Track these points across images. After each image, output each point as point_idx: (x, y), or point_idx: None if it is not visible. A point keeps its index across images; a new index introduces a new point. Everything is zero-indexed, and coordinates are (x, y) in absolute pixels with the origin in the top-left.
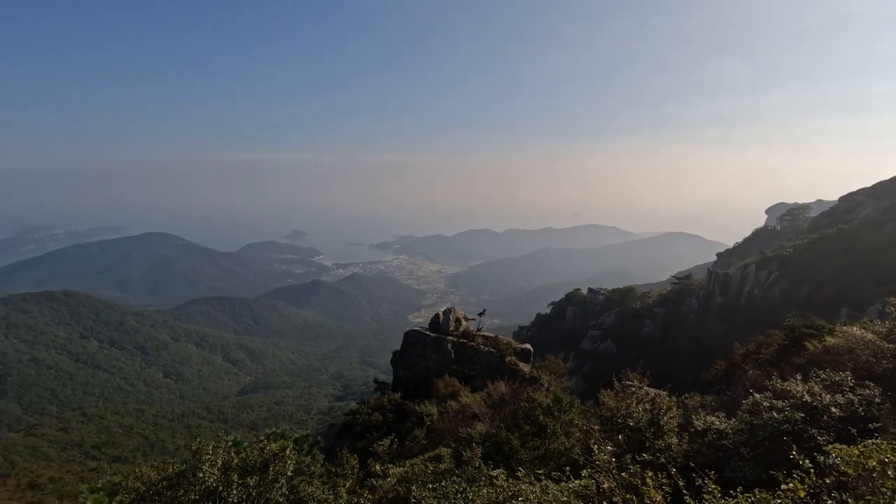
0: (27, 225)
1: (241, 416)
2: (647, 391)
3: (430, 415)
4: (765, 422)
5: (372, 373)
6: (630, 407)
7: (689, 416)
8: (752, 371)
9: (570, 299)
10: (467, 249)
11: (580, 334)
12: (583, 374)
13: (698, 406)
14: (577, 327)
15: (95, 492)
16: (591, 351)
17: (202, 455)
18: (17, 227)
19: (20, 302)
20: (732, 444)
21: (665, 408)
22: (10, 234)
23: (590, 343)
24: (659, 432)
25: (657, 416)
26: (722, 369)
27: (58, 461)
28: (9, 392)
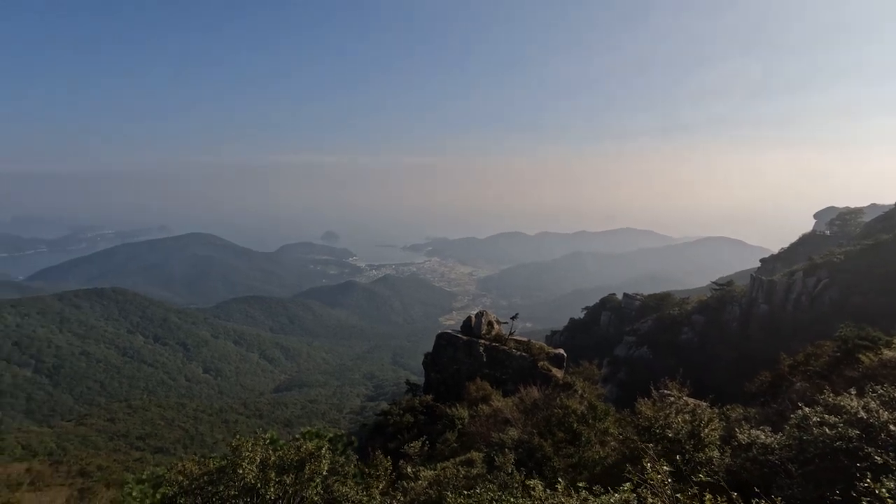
0: (79, 225)
1: (276, 412)
2: (686, 401)
3: (462, 418)
4: (815, 438)
5: (403, 374)
6: (669, 417)
7: (732, 429)
8: (800, 383)
9: (604, 304)
10: (499, 252)
11: (615, 340)
12: (617, 381)
13: (741, 418)
14: (611, 333)
15: (141, 483)
16: (626, 358)
17: (242, 452)
18: (71, 227)
19: (73, 298)
20: (779, 460)
21: (706, 419)
22: (64, 233)
23: (625, 350)
24: (699, 444)
25: (698, 427)
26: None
27: (105, 450)
28: (62, 383)
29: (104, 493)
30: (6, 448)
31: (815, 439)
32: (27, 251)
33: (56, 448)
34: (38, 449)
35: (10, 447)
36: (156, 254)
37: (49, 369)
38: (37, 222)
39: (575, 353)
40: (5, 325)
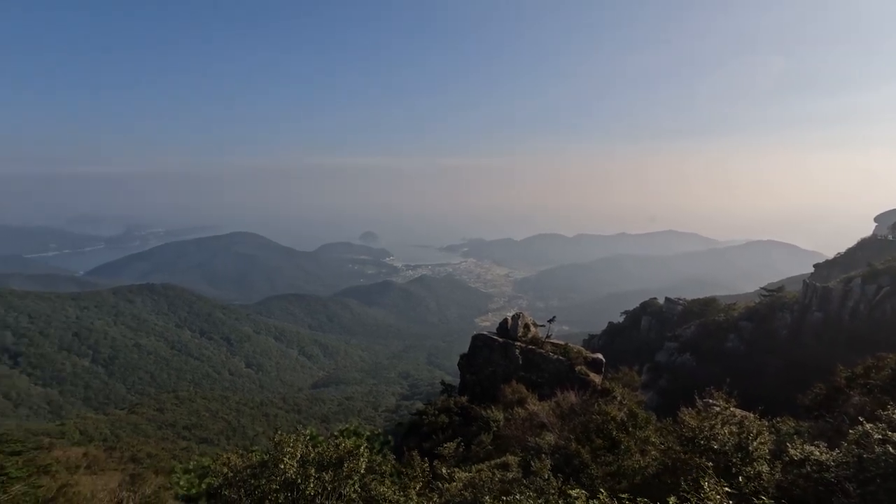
0: (134, 223)
1: (314, 408)
2: (733, 412)
3: (497, 420)
4: (877, 456)
5: (438, 374)
6: (714, 428)
7: (783, 443)
8: (858, 397)
9: (645, 308)
10: (536, 254)
11: (655, 346)
12: (658, 388)
13: (793, 432)
14: (652, 338)
15: (188, 472)
16: (668, 364)
17: (283, 447)
18: (126, 226)
19: (127, 293)
20: (836, 478)
21: (755, 431)
22: (120, 231)
23: (666, 356)
24: (747, 458)
25: (746, 439)
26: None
27: (154, 438)
28: (116, 373)
29: (153, 479)
30: (66, 433)
31: (877, 458)
32: (87, 248)
33: (110, 434)
34: (94, 435)
35: (70, 432)
36: (203, 251)
37: (105, 360)
38: (96, 221)
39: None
40: (66, 318)
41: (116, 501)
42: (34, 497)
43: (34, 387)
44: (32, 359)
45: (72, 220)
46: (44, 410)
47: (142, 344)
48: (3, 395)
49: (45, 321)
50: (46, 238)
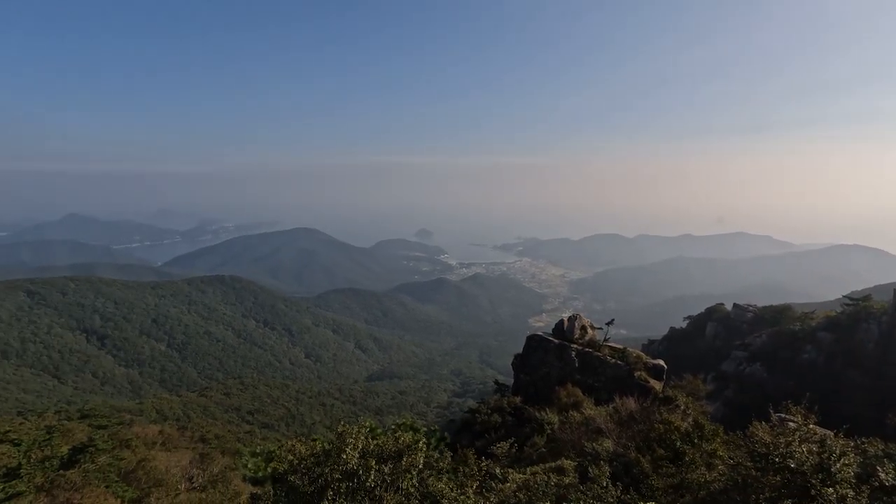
0: (206, 218)
1: (368, 400)
2: (813, 429)
3: (551, 423)
4: None
5: (490, 373)
6: (791, 445)
7: (871, 467)
8: None
9: (710, 314)
10: (594, 254)
11: (722, 354)
12: (724, 398)
13: (882, 456)
14: (717, 346)
15: (255, 456)
16: (735, 374)
17: (346, 438)
18: (200, 220)
19: (199, 283)
20: None
21: (839, 452)
22: (194, 225)
23: (733, 365)
24: (829, 480)
25: (828, 460)
26: None
27: (221, 421)
28: (188, 358)
29: (220, 459)
30: (144, 411)
31: None
32: (165, 240)
33: (182, 415)
34: (168, 414)
35: (147, 411)
36: (267, 245)
37: (179, 345)
38: (174, 215)
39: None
40: (146, 305)
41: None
42: (117, 468)
43: (118, 367)
44: (117, 341)
45: (153, 215)
46: (125, 389)
47: (212, 332)
48: (92, 373)
49: (128, 307)
50: (131, 231)
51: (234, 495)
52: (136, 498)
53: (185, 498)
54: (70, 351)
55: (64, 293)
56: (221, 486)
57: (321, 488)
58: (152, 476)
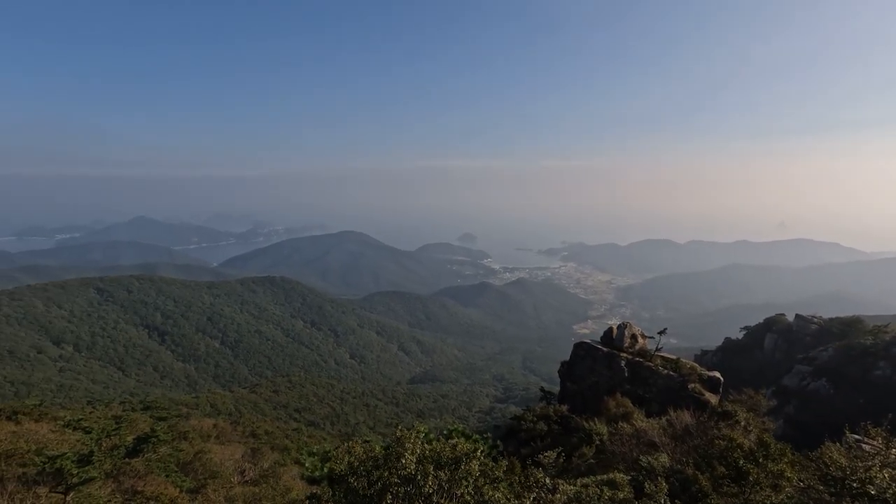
0: (259, 221)
1: (411, 402)
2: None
3: (600, 434)
4: None
5: (533, 379)
6: (871, 470)
7: None
8: None
9: (769, 325)
10: (642, 260)
11: (782, 368)
12: (785, 415)
13: None
14: (777, 360)
15: (312, 455)
16: (798, 390)
17: (405, 443)
18: (253, 223)
19: (251, 284)
20: None
21: None
22: (248, 228)
23: (796, 380)
24: None
25: None
26: None
27: (270, 417)
28: (240, 355)
29: (270, 454)
30: (199, 405)
31: None
32: (221, 242)
33: (234, 410)
34: (222, 409)
35: (202, 405)
36: (316, 248)
37: (231, 343)
38: (229, 218)
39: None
40: (202, 303)
41: (240, 471)
42: (176, 459)
43: (176, 362)
44: (176, 338)
45: (210, 218)
46: (182, 383)
47: (262, 330)
48: (153, 367)
49: (186, 305)
50: (190, 233)
51: (284, 491)
52: (194, 488)
53: (240, 491)
54: (133, 345)
55: (129, 291)
56: (272, 482)
57: (380, 491)
58: (208, 468)
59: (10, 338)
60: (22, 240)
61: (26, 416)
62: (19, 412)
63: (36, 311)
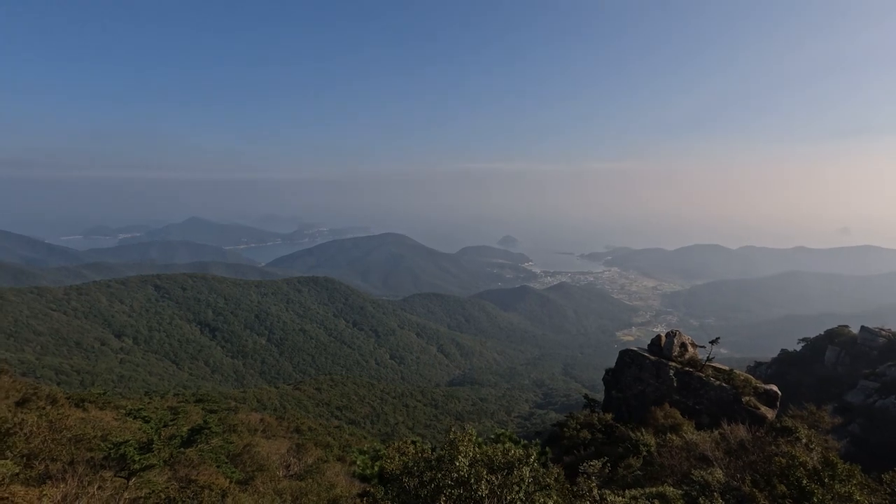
0: (305, 223)
1: (449, 405)
2: None
3: (647, 445)
4: None
5: (574, 386)
6: None
7: None
8: None
9: (831, 337)
10: (691, 266)
11: (845, 384)
12: (848, 434)
13: None
14: (839, 374)
15: (363, 454)
16: (864, 407)
17: (458, 446)
18: (299, 224)
19: (296, 283)
20: None
21: None
22: (294, 229)
23: (861, 396)
24: None
25: None
26: None
27: (313, 414)
28: (285, 353)
29: (314, 450)
30: (247, 399)
31: None
32: (268, 243)
33: (279, 405)
34: (267, 404)
35: (250, 399)
36: (358, 249)
37: (277, 340)
38: (277, 220)
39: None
40: (250, 302)
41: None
42: (227, 450)
43: (225, 357)
44: (226, 334)
45: (259, 219)
46: (231, 378)
47: (306, 329)
48: (204, 361)
49: (235, 303)
50: (240, 234)
51: (329, 487)
52: (243, 480)
53: (286, 485)
54: (187, 340)
55: (184, 288)
56: (317, 477)
57: (433, 493)
58: (256, 461)
59: (77, 330)
60: (88, 238)
61: (92, 404)
62: (86, 400)
63: (100, 306)
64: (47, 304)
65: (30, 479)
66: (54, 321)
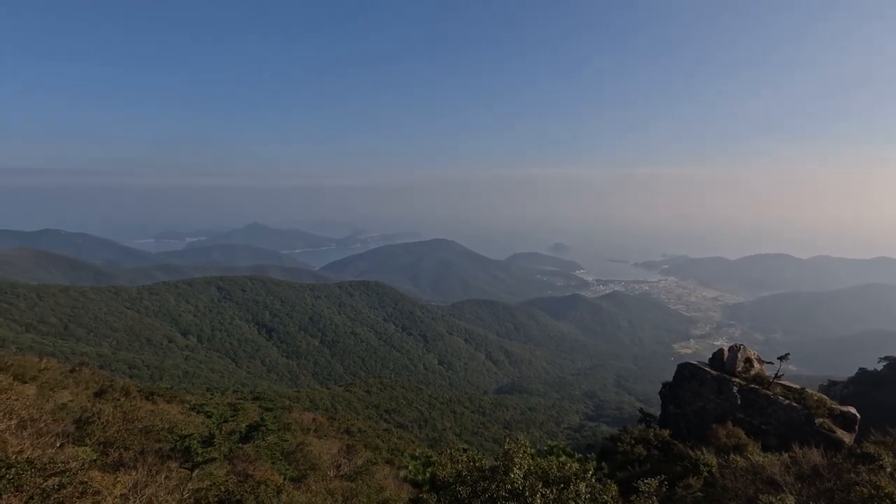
0: (357, 228)
1: (497, 413)
2: None
3: (709, 465)
4: None
5: (627, 399)
6: None
7: None
8: None
9: None
10: (756, 276)
11: None
12: None
13: None
14: None
15: (414, 459)
16: None
17: (514, 458)
18: (352, 230)
19: (348, 287)
20: None
21: None
22: (347, 234)
23: None
24: None
25: None
26: None
27: (362, 416)
28: (337, 354)
29: (363, 452)
30: (300, 399)
31: None
32: (322, 247)
33: (330, 406)
34: (319, 404)
35: (303, 399)
36: (409, 255)
37: (329, 342)
38: (331, 225)
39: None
40: (304, 304)
41: (336, 465)
42: (281, 448)
43: (281, 358)
44: (281, 335)
45: (314, 225)
46: (286, 377)
47: (357, 332)
48: (261, 361)
49: (291, 306)
50: (295, 238)
51: (378, 489)
52: (296, 477)
53: (338, 485)
54: (245, 340)
55: (243, 290)
56: (367, 479)
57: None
58: (308, 459)
59: (148, 327)
60: (159, 242)
61: (160, 398)
62: (155, 393)
63: (168, 305)
64: (123, 302)
65: (105, 466)
66: (128, 318)
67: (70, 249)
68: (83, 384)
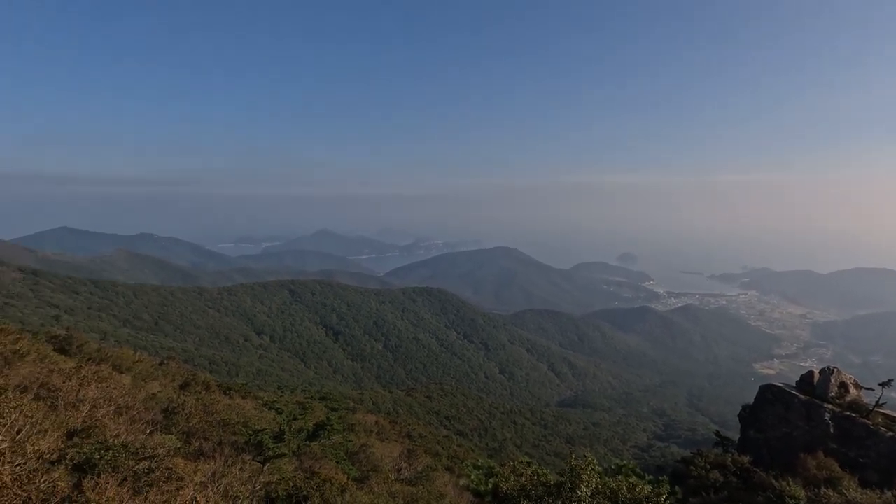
0: (420, 235)
1: (559, 426)
2: None
3: (796, 498)
4: None
5: (700, 420)
6: None
7: None
8: None
9: None
10: (852, 292)
11: None
12: None
13: None
14: None
15: (477, 469)
16: None
17: (581, 474)
18: (415, 237)
19: (411, 293)
20: None
21: None
22: (411, 241)
23: None
24: None
25: None
26: None
27: (423, 421)
28: (399, 359)
29: (423, 457)
30: (363, 401)
31: None
32: (387, 254)
33: (392, 409)
34: (382, 407)
35: (366, 401)
36: (471, 263)
37: (392, 347)
38: (395, 232)
39: None
40: (369, 309)
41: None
42: (345, 448)
43: (346, 360)
44: (347, 338)
45: (379, 231)
46: (350, 379)
47: (419, 338)
48: (328, 362)
49: (356, 310)
50: (362, 245)
51: (438, 496)
52: (358, 478)
53: (399, 488)
54: (314, 341)
55: (313, 293)
56: (427, 484)
57: None
58: (371, 461)
59: (226, 326)
60: (237, 246)
61: (237, 393)
62: (232, 389)
63: (245, 306)
64: (205, 302)
65: (188, 454)
66: (210, 317)
67: (161, 252)
68: (170, 377)
